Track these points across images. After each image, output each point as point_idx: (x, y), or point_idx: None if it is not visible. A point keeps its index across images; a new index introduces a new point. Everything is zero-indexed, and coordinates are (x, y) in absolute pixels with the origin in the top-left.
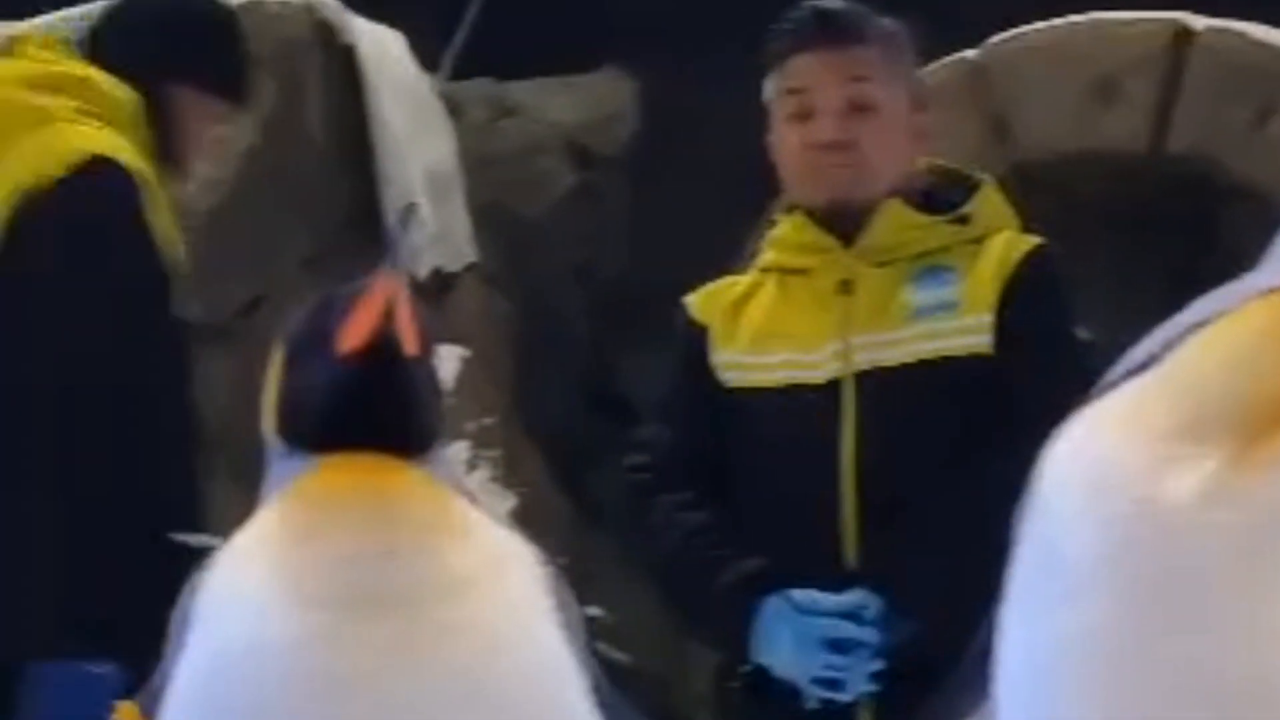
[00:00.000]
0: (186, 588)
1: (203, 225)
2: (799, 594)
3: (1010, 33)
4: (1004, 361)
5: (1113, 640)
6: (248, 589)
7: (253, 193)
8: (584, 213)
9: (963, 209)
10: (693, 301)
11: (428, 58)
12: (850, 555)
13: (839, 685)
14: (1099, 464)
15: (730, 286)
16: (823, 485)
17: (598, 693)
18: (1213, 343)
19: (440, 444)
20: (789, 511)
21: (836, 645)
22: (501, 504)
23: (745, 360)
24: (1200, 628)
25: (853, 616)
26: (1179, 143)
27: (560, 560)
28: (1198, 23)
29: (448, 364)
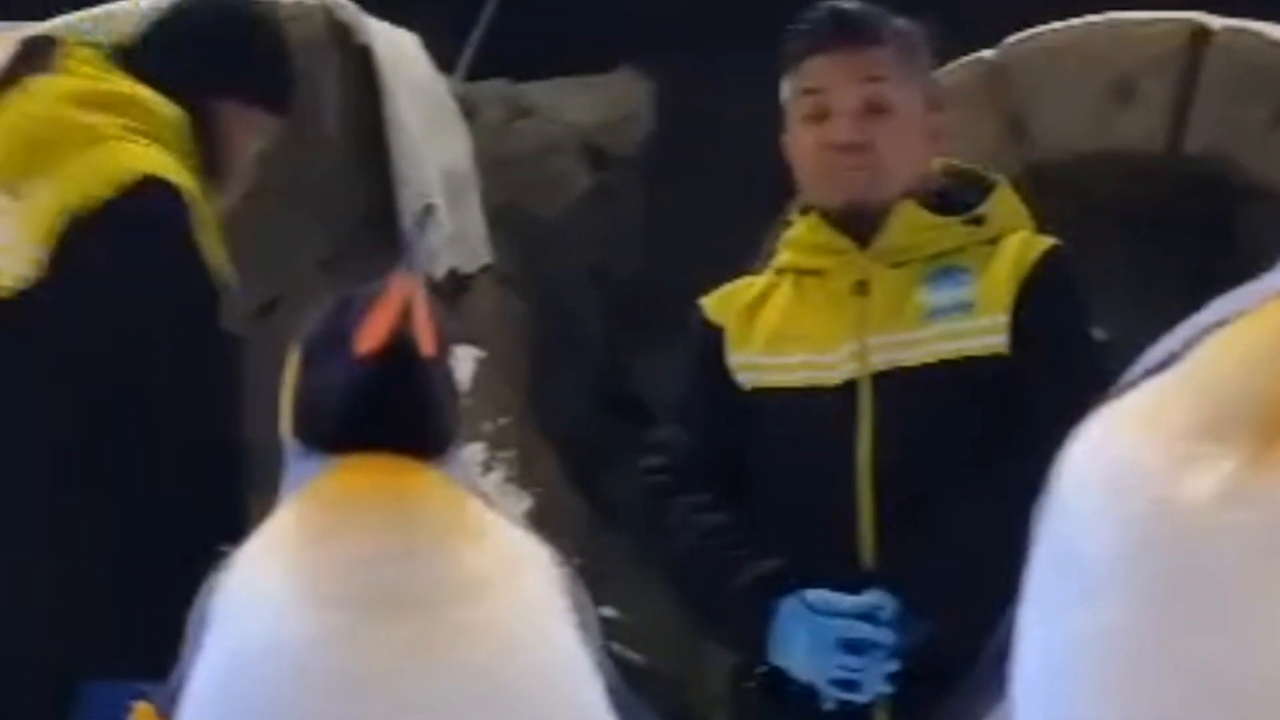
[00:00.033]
0: (204, 588)
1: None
2: (815, 595)
3: (1027, 33)
4: (1020, 362)
5: (1130, 640)
6: (265, 589)
7: (269, 194)
8: (599, 213)
9: (978, 210)
10: (708, 303)
11: (443, 58)
12: (866, 556)
13: (855, 686)
14: (1117, 464)
15: (746, 288)
16: (839, 486)
17: (614, 693)
18: (1231, 342)
19: (457, 445)
20: (805, 512)
21: (853, 646)
22: (517, 505)
23: (761, 361)
24: (1218, 628)
25: (869, 617)
26: (1196, 143)
27: (575, 561)
28: (1215, 23)
29: (463, 365)
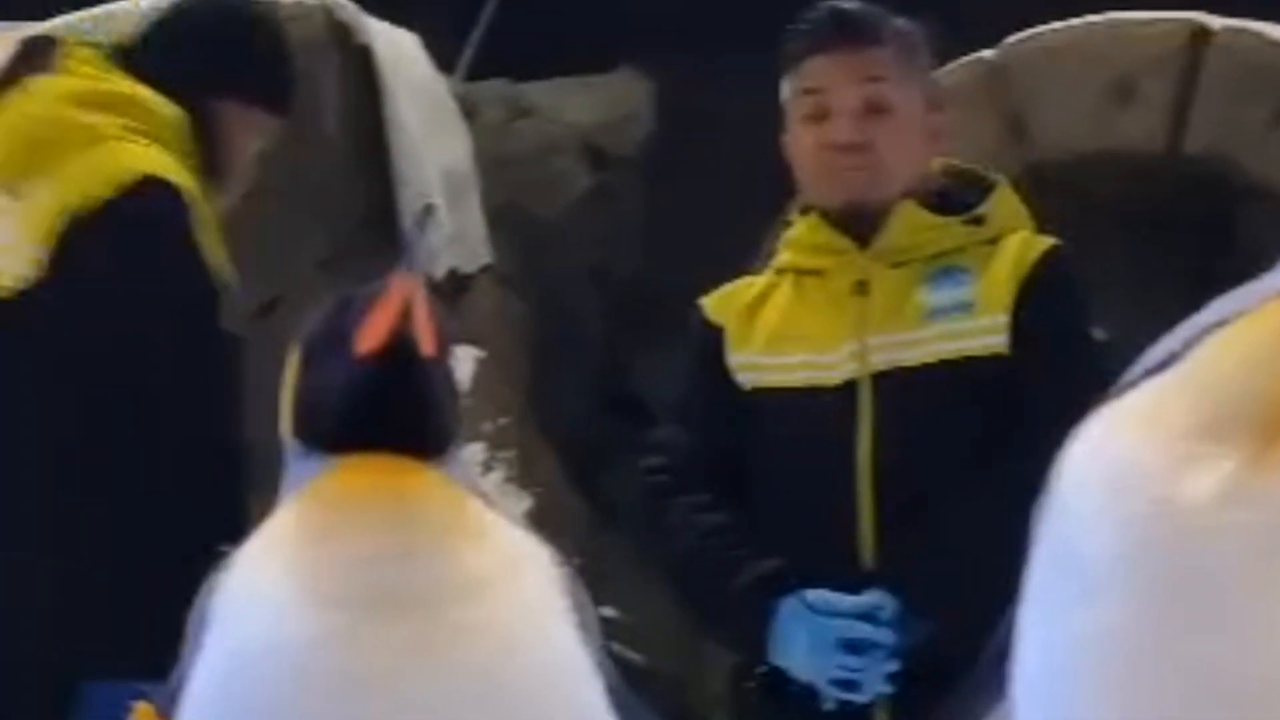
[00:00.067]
0: (204, 588)
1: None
2: (815, 595)
3: (1027, 33)
4: (1019, 362)
5: (1130, 640)
6: (265, 589)
7: (269, 194)
8: (599, 213)
9: (978, 209)
10: (708, 303)
11: (443, 58)
12: (867, 556)
13: (855, 686)
14: (1117, 464)
15: (746, 288)
16: (839, 486)
17: (614, 693)
18: (1232, 342)
19: (457, 445)
20: (805, 512)
21: (853, 646)
22: (517, 505)
23: (761, 361)
24: (1218, 628)
25: (869, 617)
26: (1196, 143)
27: (575, 561)
28: (1215, 23)
29: (463, 365)
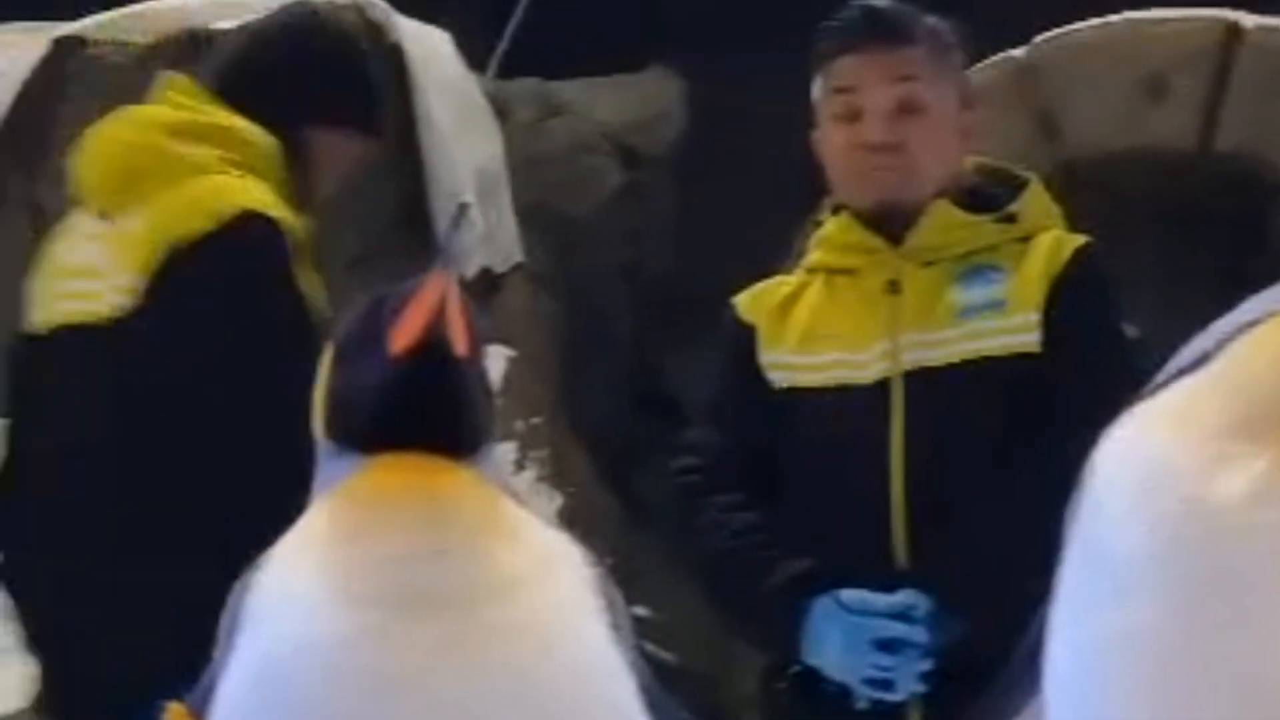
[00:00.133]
0: (237, 588)
1: None
2: (848, 594)
3: (1057, 31)
4: (1052, 360)
5: (1162, 639)
6: (298, 589)
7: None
8: (630, 212)
9: (1009, 208)
10: (740, 302)
11: (475, 57)
12: (900, 555)
13: (889, 685)
14: (1149, 463)
15: (778, 286)
16: (872, 485)
17: (646, 692)
18: (1264, 342)
19: (490, 444)
20: (838, 511)
21: (886, 645)
22: (549, 504)
23: (793, 360)
24: (1249, 627)
25: (902, 616)
26: (1227, 141)
27: (607, 560)
28: (1247, 20)
29: (495, 364)
